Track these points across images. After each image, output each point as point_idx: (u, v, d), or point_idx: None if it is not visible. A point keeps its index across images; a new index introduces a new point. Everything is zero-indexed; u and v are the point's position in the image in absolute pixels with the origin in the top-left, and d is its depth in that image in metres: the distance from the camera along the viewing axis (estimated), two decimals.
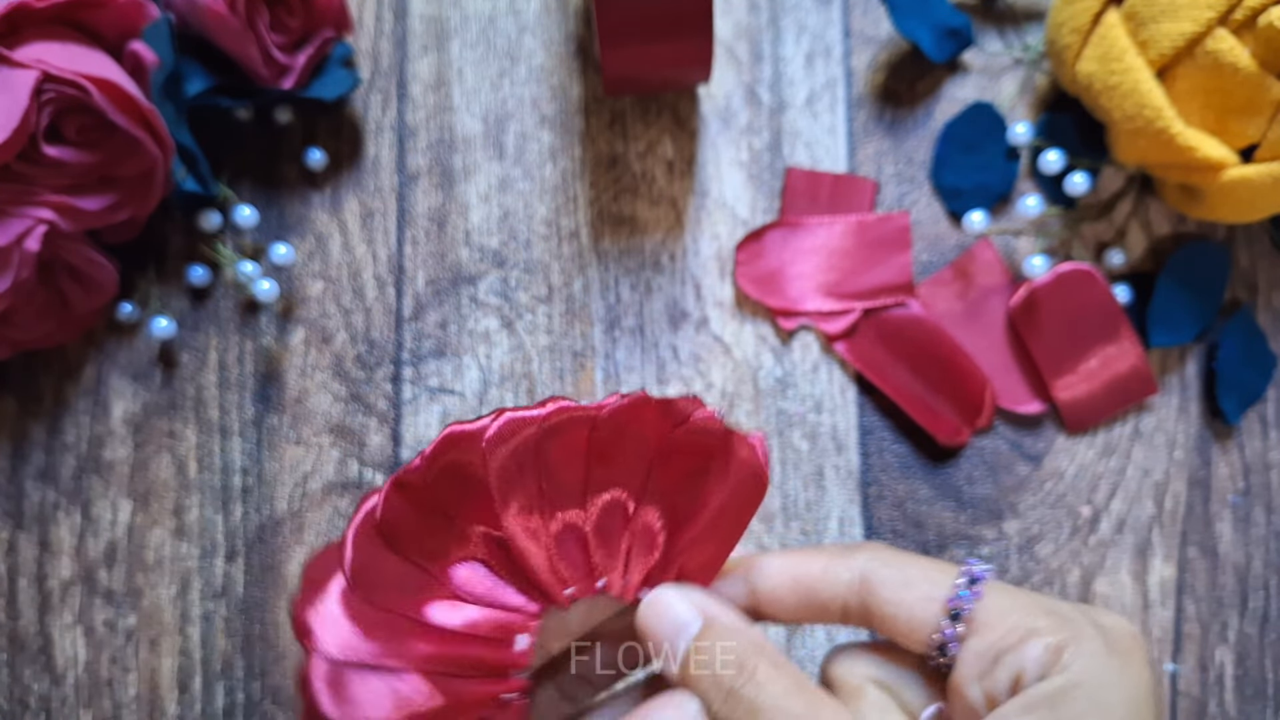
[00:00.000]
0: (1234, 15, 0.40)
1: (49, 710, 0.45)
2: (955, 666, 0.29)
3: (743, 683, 0.29)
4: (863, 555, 0.31)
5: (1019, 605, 0.29)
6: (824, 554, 0.32)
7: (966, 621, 0.29)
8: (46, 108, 0.40)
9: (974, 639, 0.29)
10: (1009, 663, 0.28)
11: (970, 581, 0.30)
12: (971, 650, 0.29)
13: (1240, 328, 0.47)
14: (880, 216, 0.47)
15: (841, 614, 0.31)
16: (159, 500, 0.46)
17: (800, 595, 0.31)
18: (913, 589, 0.30)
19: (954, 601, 0.29)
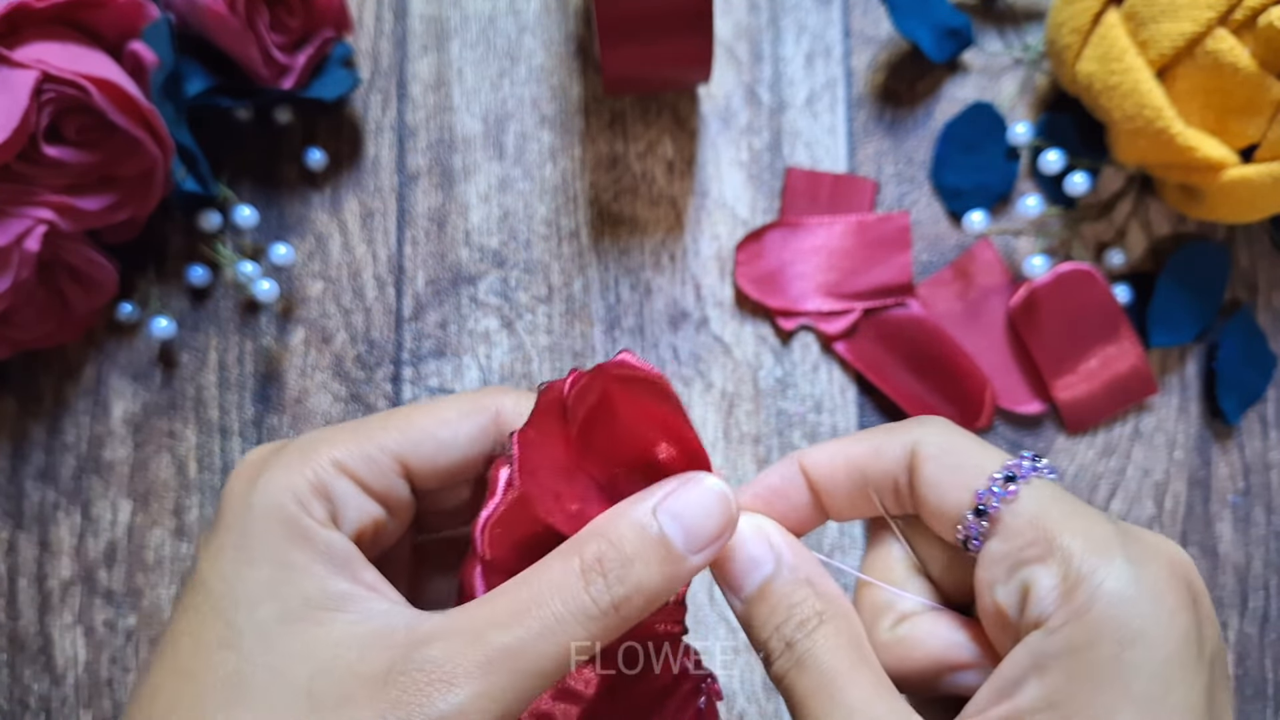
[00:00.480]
0: (1234, 15, 0.40)
1: (49, 710, 0.45)
2: (977, 564, 0.28)
3: (802, 637, 0.28)
4: (914, 431, 0.29)
5: (1051, 514, 0.27)
6: (877, 433, 0.30)
7: (992, 520, 0.27)
8: (46, 108, 0.40)
9: (994, 541, 0.27)
10: (1021, 578, 0.26)
11: (1008, 479, 0.27)
12: (990, 553, 0.27)
13: (1240, 328, 0.47)
14: (880, 216, 0.47)
15: (894, 495, 0.29)
16: (159, 500, 0.46)
17: (853, 478, 0.30)
18: (954, 473, 0.28)
19: (984, 495, 0.27)
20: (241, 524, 0.28)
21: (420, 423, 0.30)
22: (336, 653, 0.26)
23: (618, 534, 0.27)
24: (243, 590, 0.27)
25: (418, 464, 0.30)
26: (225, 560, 0.27)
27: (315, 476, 0.28)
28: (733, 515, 0.29)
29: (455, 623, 0.26)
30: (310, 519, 0.28)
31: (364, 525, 0.29)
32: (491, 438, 0.30)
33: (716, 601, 0.45)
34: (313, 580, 0.27)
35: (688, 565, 0.28)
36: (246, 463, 0.29)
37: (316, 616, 0.27)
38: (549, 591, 0.26)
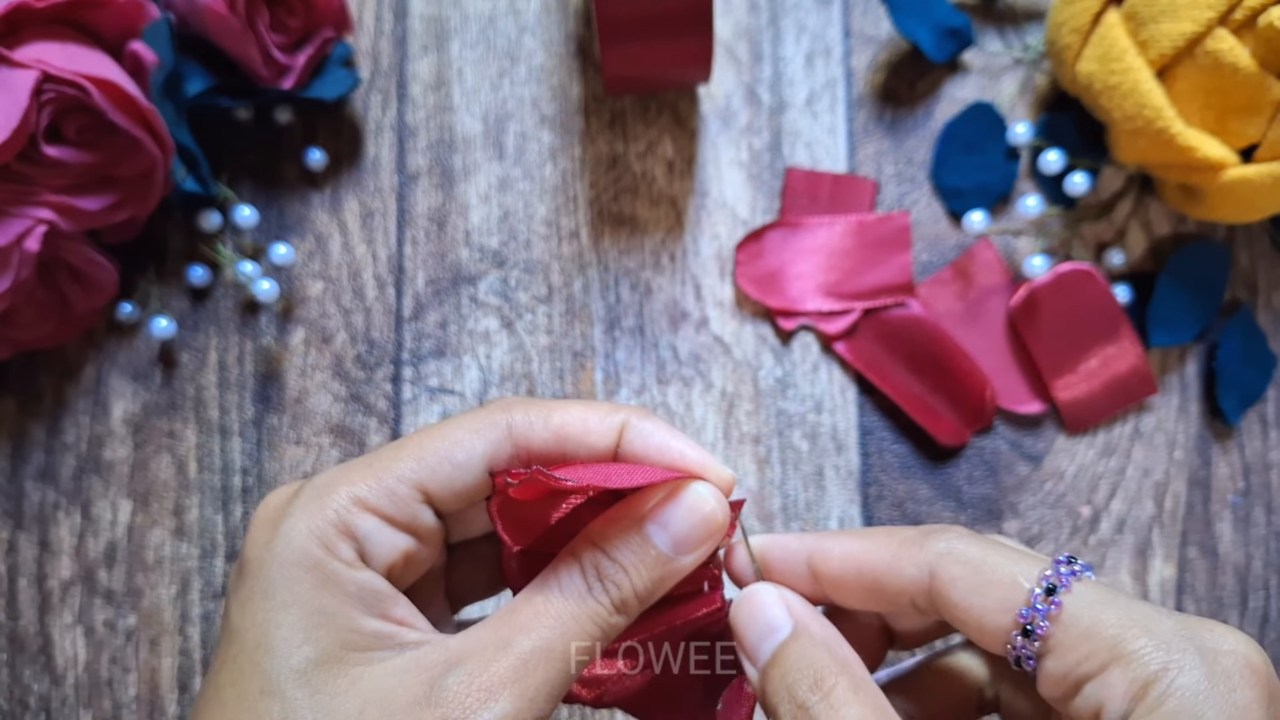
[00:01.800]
0: (1234, 15, 0.40)
1: (49, 710, 0.45)
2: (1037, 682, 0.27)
3: (816, 700, 0.27)
4: (932, 548, 0.28)
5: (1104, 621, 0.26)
6: (892, 542, 0.29)
7: (1042, 639, 0.26)
8: (46, 108, 0.40)
9: (1050, 659, 0.26)
10: (1090, 693, 0.25)
11: (1048, 591, 0.26)
12: (1049, 672, 0.26)
13: (1240, 328, 0.47)
14: (880, 216, 0.47)
15: (911, 608, 0.29)
16: (159, 500, 0.46)
17: (865, 587, 0.30)
18: (985, 594, 0.27)
19: (1027, 614, 0.26)
20: (268, 572, 0.28)
21: (434, 447, 0.30)
22: (378, 686, 0.27)
23: (611, 543, 0.29)
24: (278, 637, 0.27)
25: (437, 489, 0.30)
26: (256, 609, 0.28)
27: (337, 517, 0.29)
28: (719, 521, 0.29)
29: (483, 637, 0.28)
30: (337, 561, 0.28)
31: (394, 559, 0.29)
32: (507, 452, 0.30)
33: None
34: (345, 622, 0.28)
35: (677, 567, 0.29)
36: (266, 508, 0.30)
37: (353, 658, 0.27)
38: (559, 598, 0.28)
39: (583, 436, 0.30)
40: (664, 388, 0.47)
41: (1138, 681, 0.24)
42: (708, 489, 0.29)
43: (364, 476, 0.29)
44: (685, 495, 0.29)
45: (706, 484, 0.30)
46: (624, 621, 0.29)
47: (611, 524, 0.30)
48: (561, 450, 0.30)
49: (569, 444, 0.30)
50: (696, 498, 0.29)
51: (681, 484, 0.29)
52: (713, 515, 0.29)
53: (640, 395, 0.47)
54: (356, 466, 0.30)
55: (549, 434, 0.30)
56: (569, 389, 0.47)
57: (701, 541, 0.29)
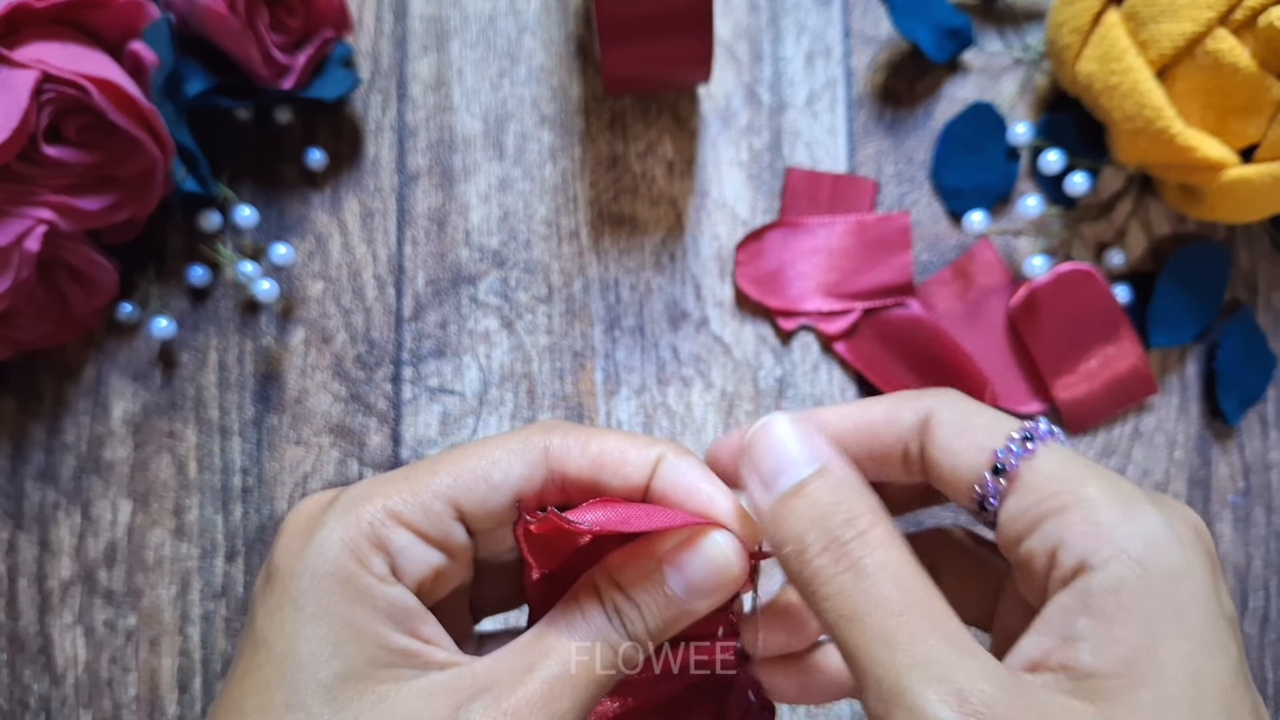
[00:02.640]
0: (1234, 15, 0.40)
1: (49, 710, 0.45)
2: (997, 526, 0.28)
3: (852, 537, 0.26)
4: (930, 395, 0.29)
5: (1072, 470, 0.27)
6: (889, 398, 0.30)
7: (1010, 477, 0.27)
8: (46, 108, 0.40)
9: (1014, 497, 0.27)
10: (1047, 531, 0.26)
11: (1026, 439, 0.27)
12: (1010, 510, 0.27)
13: (1240, 328, 0.47)
14: (880, 216, 0.47)
15: (903, 461, 0.29)
16: (159, 500, 0.46)
17: (863, 441, 0.30)
18: (968, 435, 0.28)
19: (1002, 454, 0.27)
20: (299, 582, 0.28)
21: (470, 465, 0.30)
22: (404, 707, 0.27)
23: (627, 580, 0.29)
24: (306, 650, 0.27)
25: (471, 507, 0.30)
26: (285, 619, 0.28)
27: (371, 530, 0.28)
28: (734, 574, 0.29)
29: (509, 663, 0.28)
30: (369, 575, 0.28)
31: (425, 575, 0.29)
32: (542, 475, 0.30)
33: None
34: (374, 638, 0.28)
35: (694, 612, 0.30)
36: (299, 516, 0.29)
37: (381, 675, 0.27)
38: (583, 626, 0.29)
39: (618, 467, 0.30)
40: (664, 388, 0.47)
41: (1098, 524, 0.25)
42: (726, 540, 0.29)
43: (400, 490, 0.29)
44: (703, 544, 0.29)
45: (726, 534, 0.29)
46: (639, 657, 0.29)
47: (630, 561, 0.29)
48: (596, 478, 0.30)
49: (604, 473, 0.30)
50: (714, 548, 0.29)
51: (701, 531, 0.29)
52: (728, 568, 0.29)
53: (640, 395, 0.47)
54: (393, 479, 0.30)
55: (585, 461, 0.30)
56: (569, 389, 0.47)
57: (715, 591, 0.29)
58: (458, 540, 0.30)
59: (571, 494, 0.30)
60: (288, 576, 0.28)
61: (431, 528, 0.29)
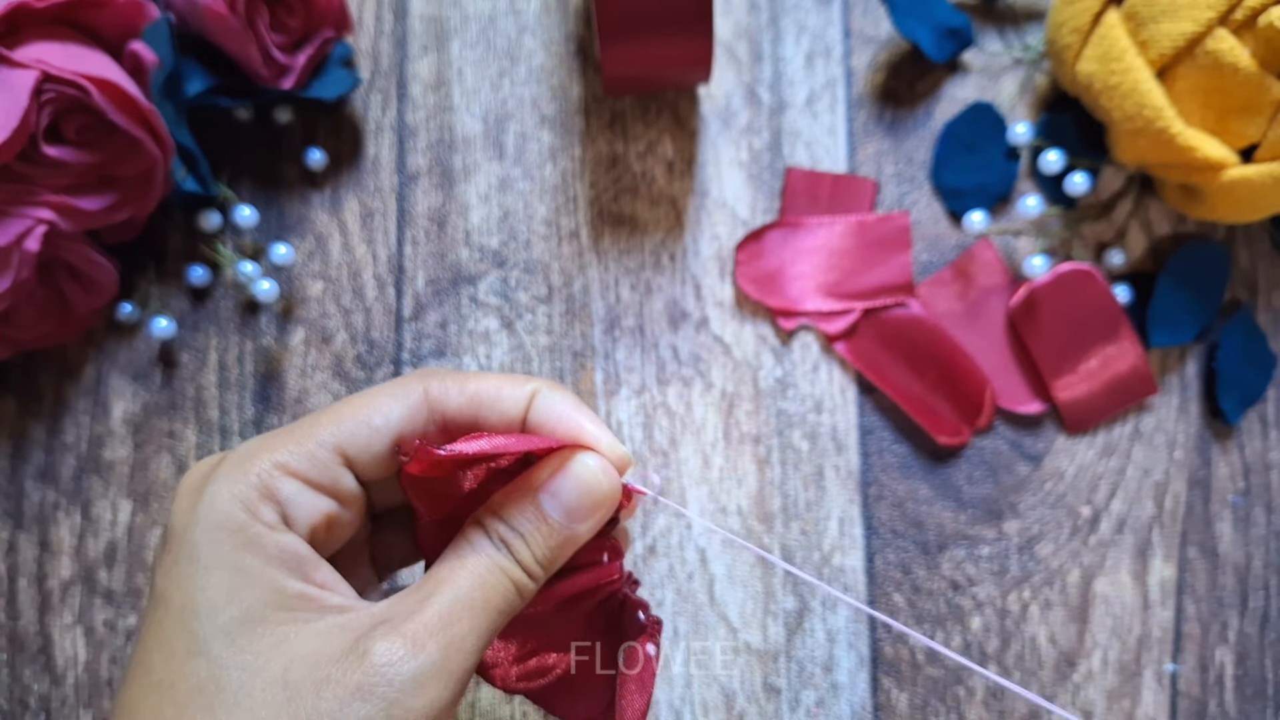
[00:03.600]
0: (1234, 15, 0.40)
1: (49, 710, 0.45)
2: None
3: None
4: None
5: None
6: None
7: None
8: (46, 108, 0.40)
9: None
10: None
11: None
12: None
13: (1240, 328, 0.47)
14: (880, 216, 0.47)
15: None
16: (159, 500, 0.46)
17: None
18: None
19: None
20: (192, 537, 0.29)
21: (351, 412, 0.31)
22: (303, 644, 0.27)
23: (508, 512, 0.31)
24: (202, 599, 0.28)
25: (356, 452, 0.31)
26: (181, 573, 0.28)
27: (259, 481, 0.29)
28: (604, 491, 0.31)
29: (405, 599, 0.29)
30: (259, 524, 0.29)
31: (316, 521, 0.30)
32: (423, 416, 0.32)
33: (717, 601, 0.45)
34: (268, 583, 0.28)
35: (573, 534, 0.31)
36: (190, 477, 0.30)
37: (277, 617, 0.28)
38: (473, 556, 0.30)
39: (495, 403, 0.31)
40: (664, 388, 0.47)
41: None
42: (594, 460, 0.31)
43: (285, 442, 0.30)
44: (572, 466, 0.31)
45: (593, 455, 0.31)
46: (531, 584, 0.31)
47: (510, 495, 0.31)
48: (475, 414, 0.31)
49: (482, 409, 0.31)
50: (582, 468, 0.31)
51: (570, 455, 0.31)
52: (596, 486, 0.31)
53: (640, 395, 0.47)
54: (278, 434, 0.31)
55: (463, 399, 0.31)
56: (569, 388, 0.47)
57: (591, 511, 0.31)
58: (347, 487, 0.31)
59: (454, 434, 0.32)
60: (181, 533, 0.29)
61: (318, 475, 0.30)
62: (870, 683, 0.45)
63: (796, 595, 0.45)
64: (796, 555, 0.46)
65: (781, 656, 0.45)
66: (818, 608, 0.45)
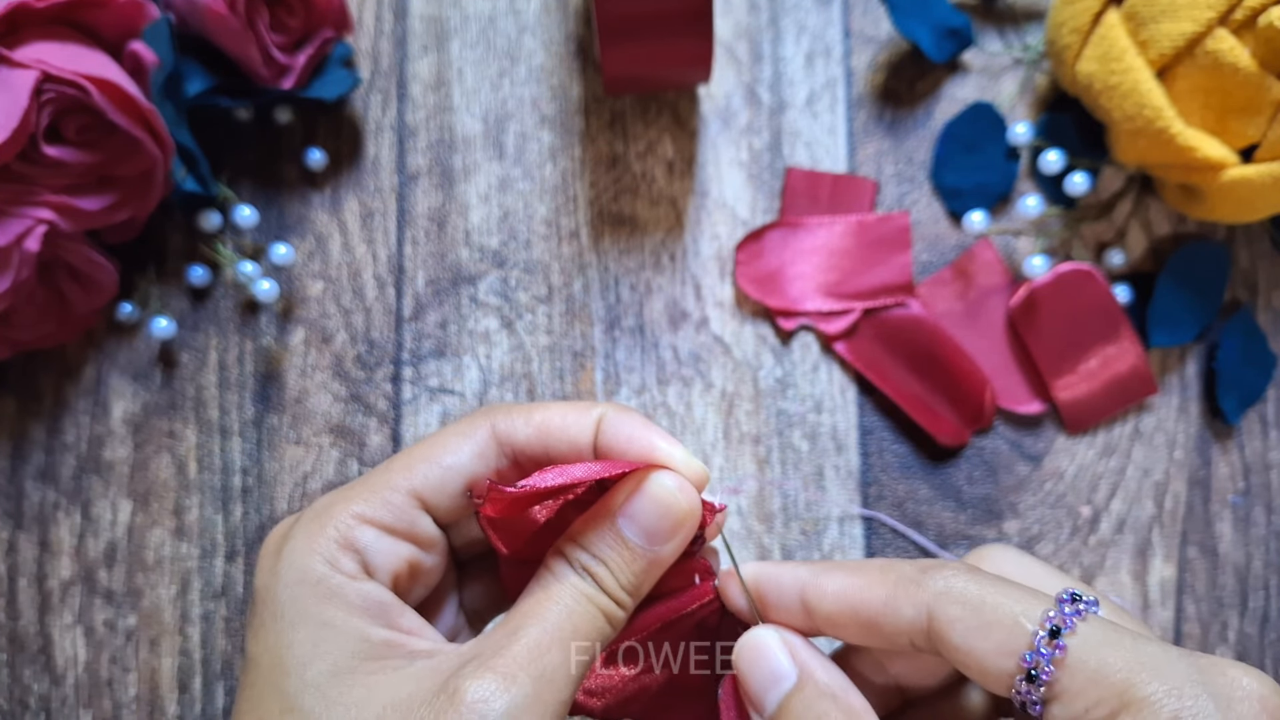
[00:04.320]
0: (1234, 15, 0.40)
1: (49, 710, 0.45)
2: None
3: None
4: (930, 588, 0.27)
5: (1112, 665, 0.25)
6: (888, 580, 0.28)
7: (1048, 684, 0.25)
8: (46, 108, 0.40)
9: (1057, 705, 0.25)
10: None
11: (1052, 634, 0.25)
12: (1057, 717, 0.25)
13: (1240, 328, 0.47)
14: (880, 216, 0.47)
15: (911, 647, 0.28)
16: (159, 500, 0.46)
17: (861, 627, 0.29)
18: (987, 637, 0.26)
19: (1030, 659, 0.25)
20: (274, 595, 0.28)
21: (421, 454, 0.31)
22: (393, 690, 0.27)
23: (588, 539, 0.30)
24: (290, 656, 0.27)
25: (431, 494, 0.30)
26: (267, 633, 0.28)
27: (337, 533, 0.29)
28: (683, 509, 0.30)
29: (493, 635, 0.28)
30: (340, 575, 0.29)
31: (397, 568, 0.30)
32: (494, 451, 0.31)
33: None
34: (353, 632, 0.28)
35: (659, 558, 0.30)
36: (270, 539, 0.30)
37: (366, 666, 0.28)
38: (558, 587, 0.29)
39: (562, 431, 0.31)
40: (664, 388, 0.47)
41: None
42: (670, 477, 0.30)
43: (359, 492, 0.30)
44: (648, 486, 0.30)
45: (668, 473, 0.30)
46: (620, 611, 0.30)
47: (588, 521, 0.30)
48: (544, 445, 0.31)
49: (550, 439, 0.31)
50: (658, 488, 0.30)
51: (645, 475, 0.30)
52: (675, 505, 0.30)
53: (640, 395, 0.47)
54: (352, 485, 0.31)
55: (531, 430, 0.31)
56: (569, 389, 0.47)
57: (671, 531, 0.30)
58: (425, 531, 0.30)
59: (526, 468, 0.31)
60: (264, 593, 0.29)
61: (395, 520, 0.30)
62: None
63: None
64: (797, 556, 0.46)
65: None
66: None
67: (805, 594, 0.30)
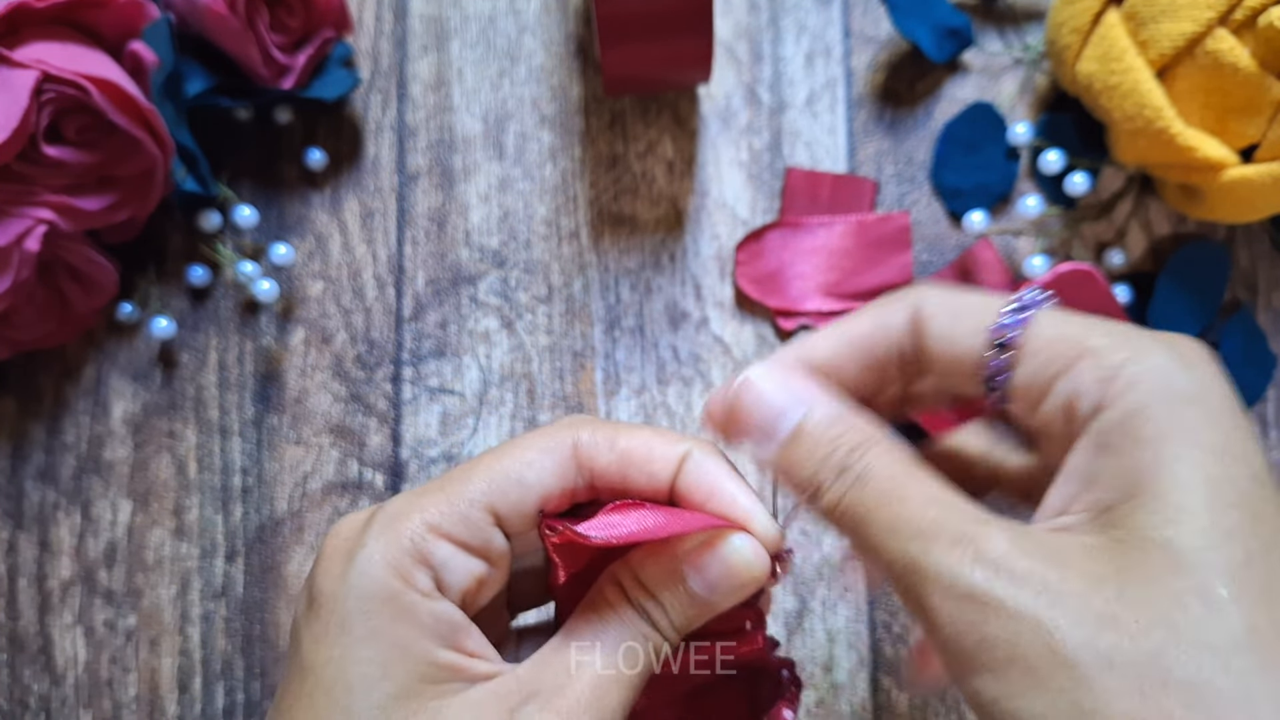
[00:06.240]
0: (1234, 15, 0.40)
1: (49, 710, 0.45)
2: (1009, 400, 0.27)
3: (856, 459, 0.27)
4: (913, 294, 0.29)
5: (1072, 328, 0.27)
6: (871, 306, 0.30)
7: (1015, 348, 0.27)
8: (46, 108, 0.40)
9: (1022, 366, 0.27)
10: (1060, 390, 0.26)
11: (1019, 309, 0.27)
12: (1021, 379, 0.27)
13: (1240, 328, 0.47)
14: (880, 216, 0.47)
15: (900, 364, 0.29)
16: (159, 500, 0.46)
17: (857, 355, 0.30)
18: (962, 320, 0.28)
19: (999, 329, 0.27)
20: (343, 605, 0.28)
21: (504, 468, 0.30)
22: (455, 717, 0.27)
23: (649, 578, 0.29)
24: (356, 674, 0.27)
25: (507, 510, 0.29)
26: (332, 644, 0.27)
27: (413, 546, 0.28)
28: (754, 576, 0.29)
29: (551, 666, 0.28)
30: (414, 592, 0.28)
31: (468, 586, 0.29)
32: (573, 470, 0.30)
33: None
34: (421, 655, 0.27)
35: (714, 607, 0.30)
36: (338, 538, 0.29)
37: (431, 691, 0.27)
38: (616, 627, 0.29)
39: (645, 463, 0.30)
40: (664, 388, 0.47)
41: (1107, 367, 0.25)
42: (747, 543, 0.29)
43: (437, 502, 0.29)
44: (722, 547, 0.29)
45: (745, 537, 0.29)
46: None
47: (651, 558, 0.29)
48: (623, 474, 0.30)
49: (631, 469, 0.30)
50: (733, 553, 0.29)
51: (722, 533, 0.29)
52: (747, 570, 0.29)
53: (640, 395, 0.47)
54: (429, 491, 0.30)
55: (613, 456, 0.30)
56: (569, 389, 0.47)
57: (735, 592, 0.29)
58: (497, 547, 0.30)
59: (600, 490, 0.30)
60: (331, 600, 0.28)
61: (472, 537, 0.29)
62: (870, 683, 0.45)
63: (796, 595, 0.45)
64: (796, 556, 0.46)
65: None
66: (818, 608, 0.45)
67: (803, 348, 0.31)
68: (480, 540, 0.29)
